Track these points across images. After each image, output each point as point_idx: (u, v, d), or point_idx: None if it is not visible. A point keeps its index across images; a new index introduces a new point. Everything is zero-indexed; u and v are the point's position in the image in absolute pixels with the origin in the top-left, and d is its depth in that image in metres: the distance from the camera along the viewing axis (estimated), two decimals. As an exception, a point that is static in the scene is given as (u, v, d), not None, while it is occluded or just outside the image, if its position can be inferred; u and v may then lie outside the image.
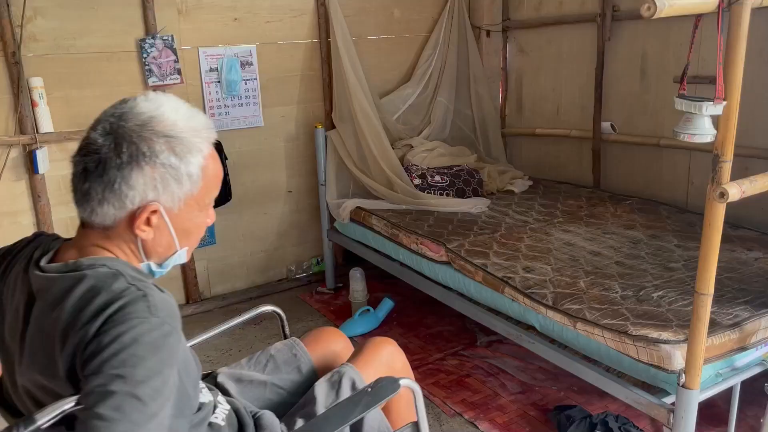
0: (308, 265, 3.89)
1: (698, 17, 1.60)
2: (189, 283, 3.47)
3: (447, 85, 3.94)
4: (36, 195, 2.99)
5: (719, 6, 1.49)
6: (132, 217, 1.02)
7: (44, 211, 3.01)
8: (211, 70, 3.34)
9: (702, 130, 1.60)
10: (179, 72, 3.21)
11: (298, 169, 3.72)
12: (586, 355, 2.12)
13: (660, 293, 2.17)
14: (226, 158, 3.35)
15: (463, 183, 3.47)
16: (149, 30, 3.12)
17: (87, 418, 0.85)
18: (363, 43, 3.71)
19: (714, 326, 1.88)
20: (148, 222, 1.03)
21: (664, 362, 1.82)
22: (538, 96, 3.96)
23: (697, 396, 1.78)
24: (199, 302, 3.49)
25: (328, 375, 1.44)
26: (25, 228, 3.02)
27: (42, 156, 2.90)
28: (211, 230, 3.45)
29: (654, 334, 1.88)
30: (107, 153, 0.99)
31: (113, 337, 0.89)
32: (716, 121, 1.59)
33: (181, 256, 1.12)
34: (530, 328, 2.32)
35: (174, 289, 3.43)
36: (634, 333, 1.90)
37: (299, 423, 1.34)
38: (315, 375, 1.53)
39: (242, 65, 3.42)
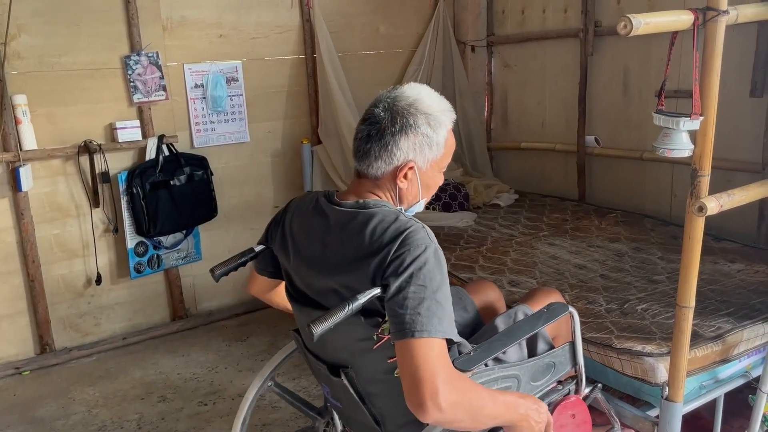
0: (295, 280, 3.87)
1: (675, 34, 1.62)
2: (174, 299, 3.43)
3: (432, 100, 3.96)
4: (19, 213, 2.96)
5: (694, 23, 1.51)
6: (395, 171, 1.38)
7: (27, 228, 2.98)
8: (196, 86, 3.34)
9: (680, 145, 1.61)
10: (164, 88, 3.21)
11: (284, 184, 3.72)
12: (571, 368, 2.12)
13: (644, 306, 2.18)
14: (211, 174, 3.35)
15: (449, 197, 3.48)
16: (134, 47, 3.12)
17: (410, 315, 1.19)
18: (349, 58, 3.74)
19: (697, 338, 1.89)
20: (405, 176, 1.38)
21: (647, 375, 1.83)
22: (524, 110, 3.99)
23: (681, 408, 1.79)
24: (185, 319, 3.46)
25: (506, 312, 1.71)
26: (8, 246, 2.99)
27: (25, 173, 2.88)
28: (196, 246, 3.44)
29: (638, 347, 1.89)
30: (386, 124, 1.36)
31: (413, 258, 1.22)
32: (694, 135, 1.61)
33: (421, 205, 1.48)
34: (516, 342, 2.32)
35: (159, 306, 3.40)
36: (618, 346, 1.91)
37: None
38: (478, 314, 1.84)
39: (228, 81, 3.42)
